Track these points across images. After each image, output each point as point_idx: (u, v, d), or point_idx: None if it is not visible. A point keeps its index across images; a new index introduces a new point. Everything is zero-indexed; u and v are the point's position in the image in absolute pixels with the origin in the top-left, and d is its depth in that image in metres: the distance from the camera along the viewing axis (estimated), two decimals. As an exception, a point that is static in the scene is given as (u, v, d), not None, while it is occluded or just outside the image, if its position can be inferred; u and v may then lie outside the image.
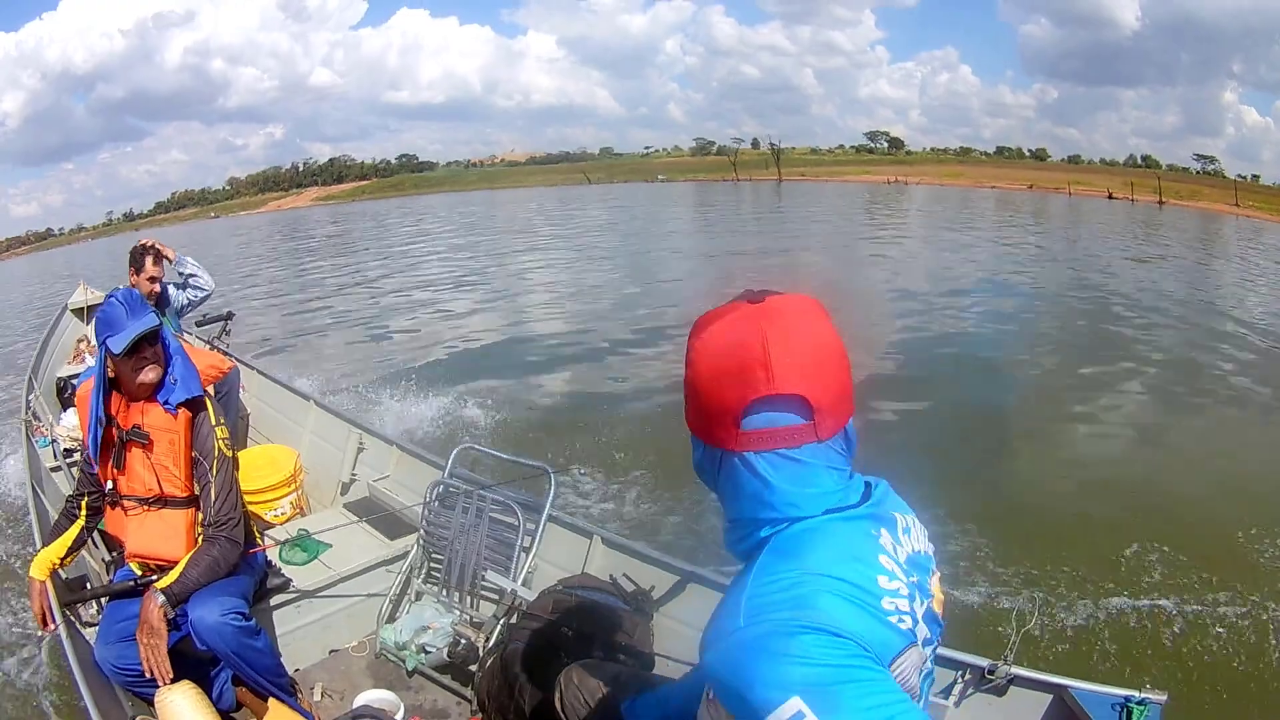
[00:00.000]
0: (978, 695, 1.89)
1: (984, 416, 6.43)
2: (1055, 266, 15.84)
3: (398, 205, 48.26)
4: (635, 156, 72.40)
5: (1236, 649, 3.41)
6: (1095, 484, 5.07)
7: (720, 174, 59.89)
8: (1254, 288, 14.33)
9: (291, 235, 30.29)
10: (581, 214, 32.48)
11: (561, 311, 11.31)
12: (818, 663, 0.72)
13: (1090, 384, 7.40)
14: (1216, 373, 8.07)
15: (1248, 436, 6.25)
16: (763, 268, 14.67)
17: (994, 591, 3.74)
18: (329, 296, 13.67)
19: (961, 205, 35.37)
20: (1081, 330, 9.85)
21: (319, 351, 9.40)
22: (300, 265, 20.19)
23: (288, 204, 59.61)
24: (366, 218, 37.30)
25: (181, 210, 58.01)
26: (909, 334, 9.28)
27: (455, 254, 19.49)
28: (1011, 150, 66.65)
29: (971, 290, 12.43)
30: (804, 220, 27.70)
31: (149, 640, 1.92)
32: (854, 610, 0.77)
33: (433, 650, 2.52)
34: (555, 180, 59.97)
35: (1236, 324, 10.46)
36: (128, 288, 2.86)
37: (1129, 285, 13.24)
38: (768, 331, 0.83)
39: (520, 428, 5.96)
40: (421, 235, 25.86)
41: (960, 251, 18.01)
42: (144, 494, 2.13)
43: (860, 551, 0.82)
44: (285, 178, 65.90)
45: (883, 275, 14.02)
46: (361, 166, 68.87)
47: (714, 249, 19.21)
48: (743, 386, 0.83)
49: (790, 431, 0.83)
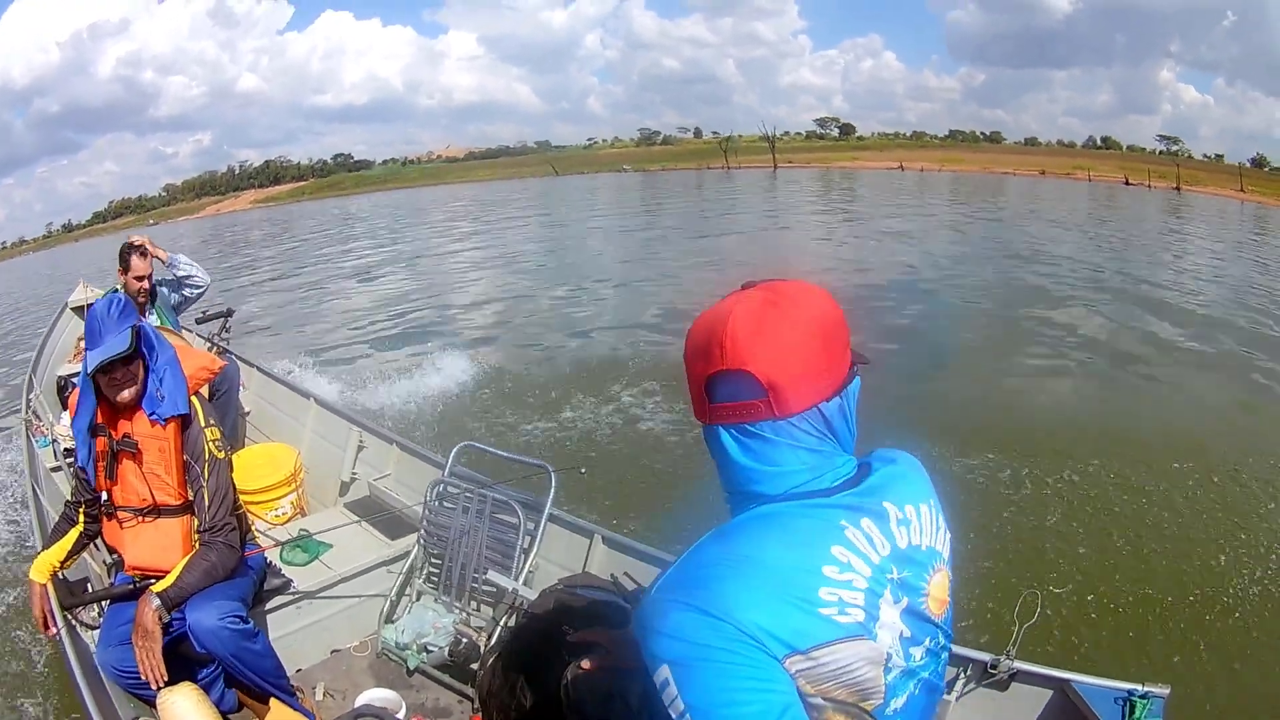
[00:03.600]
0: (980, 690, 1.89)
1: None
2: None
3: (348, 204, 45.87)
4: (578, 149, 71.39)
5: (1240, 640, 3.41)
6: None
7: (696, 162, 57.87)
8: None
9: (239, 244, 27.29)
10: (605, 206, 30.19)
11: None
12: (683, 639, 0.78)
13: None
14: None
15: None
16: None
17: (994, 587, 3.74)
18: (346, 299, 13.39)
19: (1024, 195, 32.19)
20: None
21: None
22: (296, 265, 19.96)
23: (226, 207, 58.67)
24: (342, 219, 33.39)
25: (119, 219, 57.24)
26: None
27: (545, 253, 17.57)
28: (965, 134, 65.89)
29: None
30: (920, 209, 24.56)
31: (144, 644, 1.92)
32: (762, 596, 0.78)
33: (434, 650, 2.53)
34: (509, 174, 58.32)
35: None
36: (113, 290, 2.84)
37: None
38: (734, 311, 0.87)
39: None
40: (446, 231, 24.35)
41: (1127, 252, 16.00)
42: (138, 504, 2.12)
43: (806, 539, 0.83)
44: (222, 181, 65.14)
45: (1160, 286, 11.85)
46: (298, 167, 68.11)
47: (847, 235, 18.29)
48: (705, 361, 0.89)
49: (747, 407, 0.87)
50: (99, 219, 58.62)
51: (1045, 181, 42.39)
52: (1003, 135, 65.46)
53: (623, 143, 72.15)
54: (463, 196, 40.11)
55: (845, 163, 55.89)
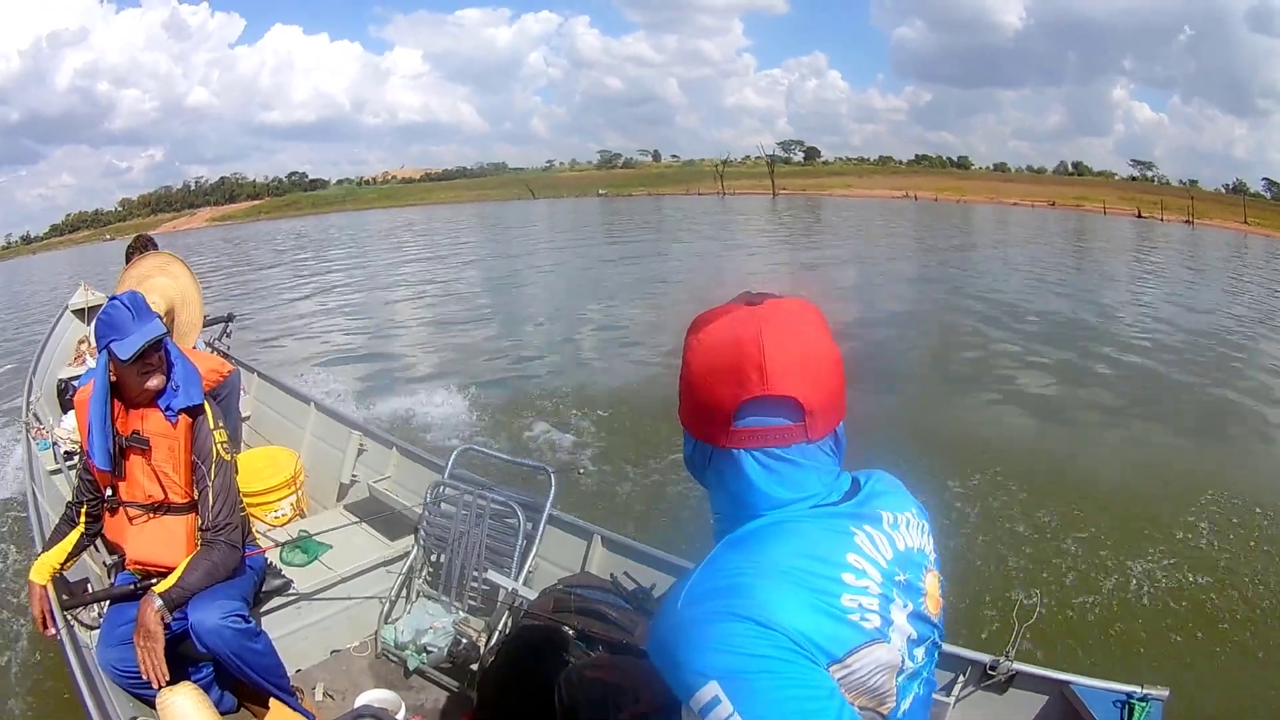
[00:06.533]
0: (979, 692, 1.89)
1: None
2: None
3: (323, 221, 44.45)
4: (535, 171, 71.33)
5: (1240, 641, 3.41)
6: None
7: (684, 186, 56.32)
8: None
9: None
10: (621, 236, 26.93)
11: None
12: (737, 651, 0.74)
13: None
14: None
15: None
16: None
17: (994, 588, 3.74)
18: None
19: (1071, 232, 29.66)
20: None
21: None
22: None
23: (181, 225, 58.06)
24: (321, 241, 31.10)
25: (75, 232, 57.10)
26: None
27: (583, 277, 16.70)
28: (931, 159, 65.52)
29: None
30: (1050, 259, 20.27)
31: (146, 644, 1.92)
32: (798, 604, 0.77)
33: (434, 650, 2.53)
34: (477, 196, 57.58)
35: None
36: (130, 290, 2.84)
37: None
38: (764, 333, 0.84)
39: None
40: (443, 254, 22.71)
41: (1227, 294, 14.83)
42: (145, 500, 2.12)
43: (823, 548, 0.83)
44: (177, 198, 64.98)
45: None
46: (254, 185, 67.95)
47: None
48: (737, 386, 0.84)
49: (781, 431, 0.85)
50: (56, 232, 58.47)
51: (1058, 214, 40.84)
52: (970, 161, 64.97)
53: (581, 165, 71.90)
54: (465, 212, 38.76)
55: (840, 190, 54.74)
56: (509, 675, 2.03)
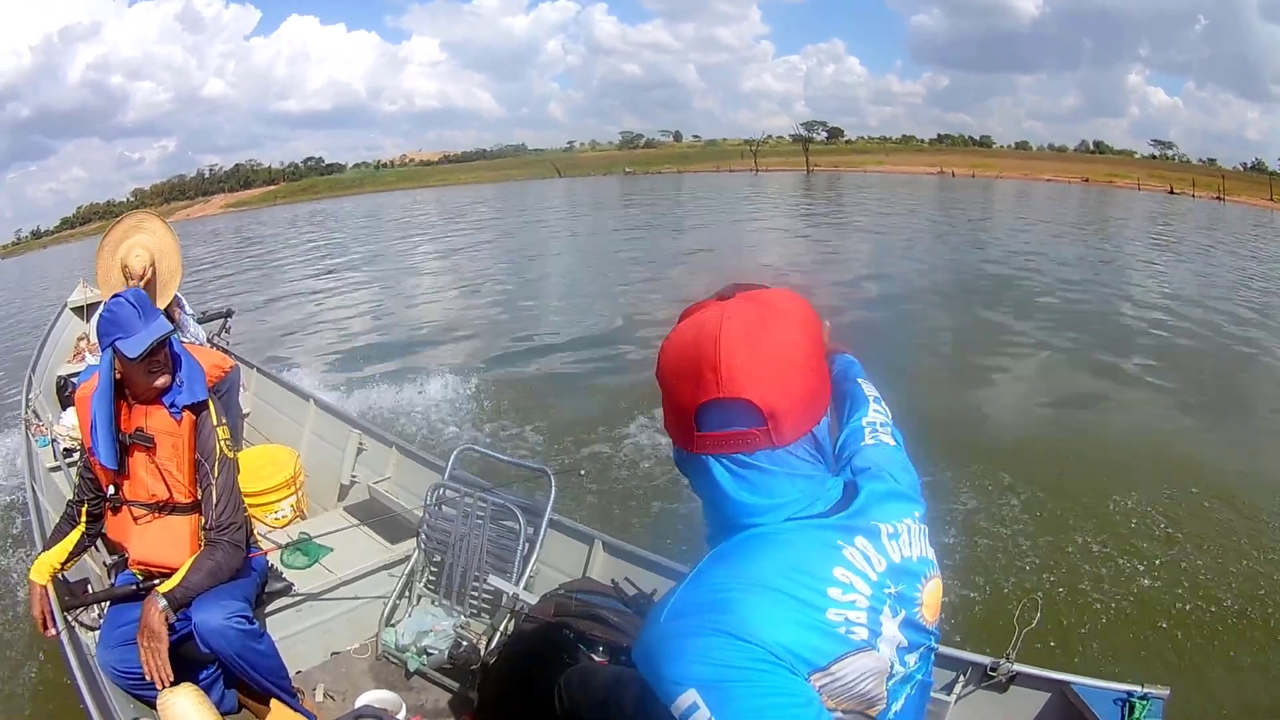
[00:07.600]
0: (980, 692, 1.90)
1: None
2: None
3: (339, 206, 43.64)
4: (556, 152, 70.53)
5: (1240, 641, 3.42)
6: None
7: (712, 163, 56.74)
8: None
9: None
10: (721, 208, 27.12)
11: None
12: (715, 663, 0.75)
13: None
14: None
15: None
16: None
17: (994, 590, 3.75)
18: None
19: (1118, 205, 30.21)
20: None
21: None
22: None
23: (196, 212, 57.03)
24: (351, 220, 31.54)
25: (87, 225, 55.95)
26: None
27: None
28: (954, 138, 65.75)
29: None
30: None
31: (150, 644, 1.92)
32: (780, 619, 0.77)
33: (434, 652, 2.53)
34: (495, 177, 57.06)
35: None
36: (134, 286, 2.82)
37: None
38: (723, 331, 0.80)
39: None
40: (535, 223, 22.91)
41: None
42: (149, 500, 2.11)
43: (810, 562, 0.81)
44: (190, 186, 63.59)
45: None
46: (269, 171, 66.69)
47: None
48: (695, 388, 0.81)
49: (742, 436, 0.81)
50: (68, 225, 57.86)
51: (1096, 190, 40.61)
52: (992, 140, 65.58)
53: (602, 146, 71.60)
54: (485, 196, 38.47)
55: (874, 166, 54.43)
56: (510, 677, 2.03)
